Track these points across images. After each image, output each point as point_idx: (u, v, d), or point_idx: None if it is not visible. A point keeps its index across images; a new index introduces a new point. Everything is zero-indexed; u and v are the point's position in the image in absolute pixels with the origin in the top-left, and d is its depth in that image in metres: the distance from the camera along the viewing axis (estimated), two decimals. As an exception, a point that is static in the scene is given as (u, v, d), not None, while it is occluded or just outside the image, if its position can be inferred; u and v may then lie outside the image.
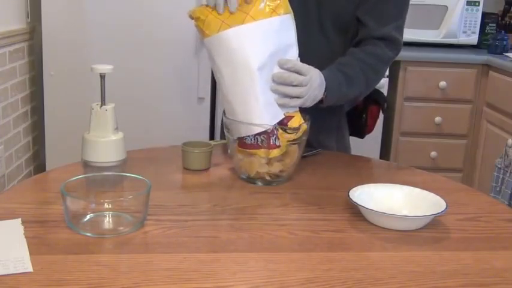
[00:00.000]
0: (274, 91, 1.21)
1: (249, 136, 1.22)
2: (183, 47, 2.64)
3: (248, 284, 0.84)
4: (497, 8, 3.20)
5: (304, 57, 1.26)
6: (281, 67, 1.21)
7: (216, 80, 1.28)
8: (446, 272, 0.90)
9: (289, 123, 1.23)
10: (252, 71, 1.18)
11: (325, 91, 1.29)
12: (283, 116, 1.22)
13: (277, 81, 1.21)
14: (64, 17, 2.58)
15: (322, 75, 1.28)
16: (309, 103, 1.26)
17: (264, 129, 1.20)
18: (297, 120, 1.24)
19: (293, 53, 1.25)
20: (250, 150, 1.23)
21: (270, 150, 1.21)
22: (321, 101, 1.30)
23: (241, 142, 1.23)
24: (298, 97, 1.22)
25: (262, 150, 1.21)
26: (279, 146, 1.21)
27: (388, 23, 1.41)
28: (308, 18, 1.41)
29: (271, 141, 1.21)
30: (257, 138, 1.21)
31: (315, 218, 1.09)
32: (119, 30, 2.60)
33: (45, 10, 2.57)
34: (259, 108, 1.20)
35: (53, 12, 2.57)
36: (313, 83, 1.24)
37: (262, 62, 1.19)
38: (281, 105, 1.22)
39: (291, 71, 1.22)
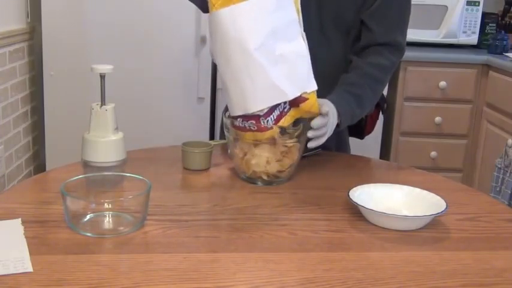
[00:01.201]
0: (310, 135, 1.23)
1: (239, 119, 1.21)
2: (183, 47, 2.64)
3: (248, 284, 0.84)
4: (497, 8, 3.20)
5: None
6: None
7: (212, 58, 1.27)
8: (446, 272, 0.90)
9: (301, 105, 1.21)
10: (248, 52, 1.15)
11: (339, 116, 1.30)
12: (290, 98, 1.20)
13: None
14: (64, 17, 2.58)
15: (332, 104, 1.29)
16: (330, 134, 1.28)
17: (251, 113, 1.18)
18: (311, 103, 1.22)
19: (296, 29, 1.22)
20: (239, 132, 1.22)
21: (261, 133, 1.20)
22: (337, 125, 1.32)
23: (232, 121, 1.23)
24: (323, 135, 1.25)
25: (249, 133, 1.21)
26: (271, 128, 1.20)
27: (393, 28, 1.41)
28: (308, 18, 1.41)
29: (263, 124, 1.19)
30: (245, 123, 1.20)
31: (315, 218, 1.09)
32: (119, 30, 2.60)
33: (45, 10, 2.57)
34: (253, 90, 1.18)
35: (53, 12, 2.57)
36: (330, 119, 1.26)
37: (260, 42, 1.16)
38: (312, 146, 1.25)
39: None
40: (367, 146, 1.92)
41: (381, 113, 1.64)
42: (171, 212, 1.09)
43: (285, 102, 1.21)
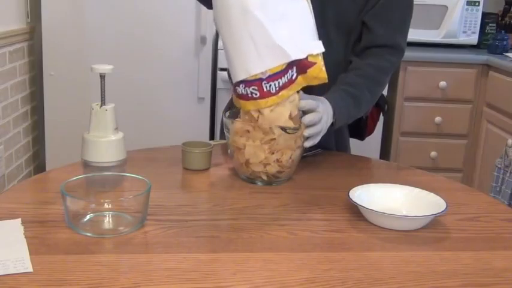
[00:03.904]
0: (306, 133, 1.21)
1: (240, 85, 1.18)
2: (183, 47, 2.64)
3: (248, 284, 0.84)
4: (497, 8, 3.20)
5: None
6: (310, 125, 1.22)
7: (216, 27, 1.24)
8: (446, 272, 0.90)
9: (308, 71, 1.18)
10: (248, 11, 1.12)
11: (334, 115, 1.30)
12: (293, 59, 1.16)
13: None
14: (64, 17, 2.58)
15: (328, 102, 1.28)
16: (323, 134, 1.27)
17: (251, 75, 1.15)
18: (319, 68, 1.19)
19: None
20: (240, 101, 1.20)
21: (263, 100, 1.16)
22: (331, 124, 1.31)
23: (235, 91, 1.20)
24: (318, 133, 1.24)
25: (251, 102, 1.18)
26: (274, 94, 1.16)
27: (393, 29, 1.41)
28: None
29: (265, 88, 1.15)
30: (247, 89, 1.17)
31: (315, 218, 1.09)
32: (119, 30, 2.60)
33: (45, 10, 2.58)
34: (254, 51, 1.14)
35: (53, 12, 2.57)
36: (324, 116, 1.25)
37: (260, 1, 1.13)
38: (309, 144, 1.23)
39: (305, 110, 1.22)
40: (367, 146, 1.92)
41: (381, 114, 1.64)
42: (171, 212, 1.09)
43: (292, 70, 1.17)
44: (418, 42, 2.97)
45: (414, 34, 2.91)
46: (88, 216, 1.02)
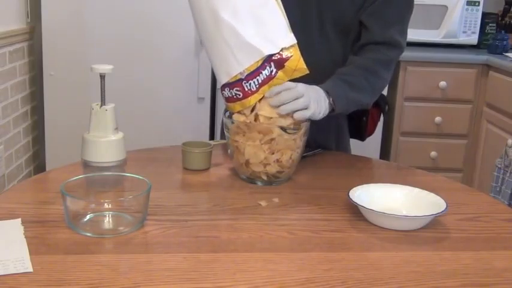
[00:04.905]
0: (283, 110, 1.19)
1: (226, 89, 1.21)
2: (183, 47, 2.64)
3: (248, 284, 0.84)
4: (497, 8, 3.20)
5: (304, 60, 1.25)
6: (271, 96, 1.20)
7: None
8: (446, 272, 0.90)
9: (286, 64, 1.19)
10: (218, 15, 1.16)
11: (331, 98, 1.28)
12: (266, 54, 1.18)
13: (277, 104, 1.20)
14: (64, 17, 2.58)
15: (316, 86, 1.27)
16: (317, 111, 1.24)
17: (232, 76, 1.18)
18: (296, 59, 1.20)
19: None
20: (229, 104, 1.23)
21: (247, 99, 1.19)
22: (332, 110, 1.29)
23: (223, 95, 1.24)
24: (305, 108, 1.21)
25: (237, 103, 1.21)
26: (255, 92, 1.19)
27: (390, 26, 1.40)
28: (308, 19, 1.41)
29: (246, 87, 1.19)
30: (231, 91, 1.20)
31: (315, 218, 1.09)
32: (119, 30, 2.60)
33: (45, 10, 2.58)
34: (230, 53, 1.18)
35: (53, 12, 2.57)
36: (309, 92, 1.23)
37: (228, 3, 1.17)
38: (299, 118, 1.20)
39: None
40: (367, 146, 1.92)
41: (382, 114, 1.64)
42: (171, 212, 1.09)
43: (270, 66, 1.19)
44: (418, 42, 2.97)
45: (414, 34, 2.92)
46: (88, 216, 1.02)
